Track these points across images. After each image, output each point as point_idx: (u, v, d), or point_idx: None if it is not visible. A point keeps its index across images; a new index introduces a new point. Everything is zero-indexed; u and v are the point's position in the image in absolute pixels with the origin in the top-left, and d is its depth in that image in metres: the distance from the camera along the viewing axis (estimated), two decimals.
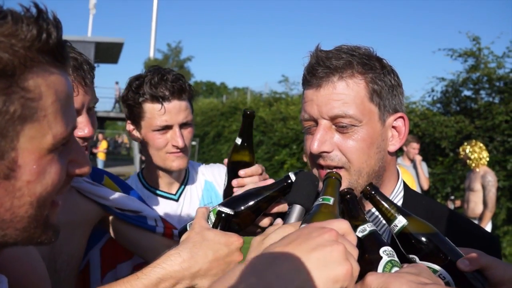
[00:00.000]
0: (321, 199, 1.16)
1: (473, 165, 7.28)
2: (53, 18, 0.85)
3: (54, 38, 0.84)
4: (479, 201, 7.13)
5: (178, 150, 2.12)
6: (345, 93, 1.36)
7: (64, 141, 0.89)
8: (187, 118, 2.15)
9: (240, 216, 1.38)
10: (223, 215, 1.32)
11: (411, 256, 1.22)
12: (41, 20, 0.82)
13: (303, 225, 1.08)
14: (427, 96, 13.14)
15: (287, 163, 15.55)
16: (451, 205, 8.25)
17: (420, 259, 1.20)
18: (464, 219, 1.55)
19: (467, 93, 12.18)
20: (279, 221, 1.35)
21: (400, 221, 1.23)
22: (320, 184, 1.35)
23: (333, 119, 1.38)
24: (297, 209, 1.27)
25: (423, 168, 8.21)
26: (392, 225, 1.25)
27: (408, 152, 8.20)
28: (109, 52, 33.43)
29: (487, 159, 7.35)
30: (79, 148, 0.96)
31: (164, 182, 2.28)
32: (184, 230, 1.45)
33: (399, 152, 8.24)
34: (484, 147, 7.40)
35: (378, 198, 1.28)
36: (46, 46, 0.83)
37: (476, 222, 6.36)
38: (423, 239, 1.20)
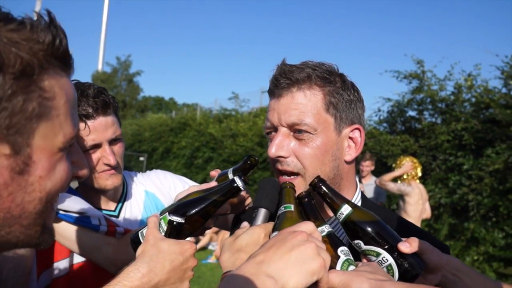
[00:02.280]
0: (283, 208, 1.32)
1: (402, 180, 7.31)
2: (60, 26, 0.90)
3: (64, 44, 0.90)
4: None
5: (110, 168, 2.01)
6: (303, 103, 1.45)
7: (72, 142, 0.94)
8: (116, 133, 2.02)
9: (190, 222, 1.44)
10: (174, 223, 1.36)
11: (356, 241, 1.31)
12: (53, 27, 0.88)
13: (275, 233, 1.21)
14: (374, 116, 13.58)
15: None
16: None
17: (365, 244, 1.29)
18: (416, 228, 1.63)
19: (411, 113, 12.66)
20: (245, 224, 1.41)
21: (346, 209, 1.33)
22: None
23: (290, 126, 1.46)
24: (262, 212, 1.41)
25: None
26: (338, 214, 1.34)
27: (361, 171, 8.34)
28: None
29: (418, 173, 7.35)
30: (80, 152, 1.01)
31: (102, 200, 2.17)
32: (136, 237, 1.50)
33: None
34: (416, 161, 7.40)
35: (325, 189, 1.37)
36: (58, 51, 0.88)
37: None
38: (367, 225, 1.29)
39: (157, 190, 2.35)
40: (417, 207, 7.10)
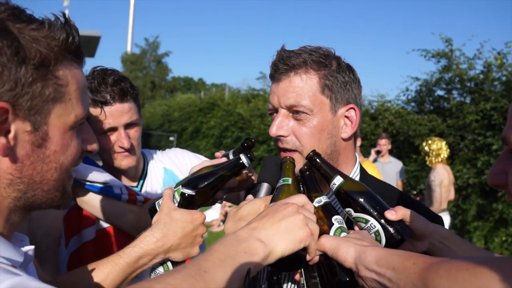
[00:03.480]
0: (282, 181, 1.46)
1: (430, 162, 7.36)
2: (73, 25, 1.09)
3: (76, 41, 1.07)
4: (429, 198, 7.29)
5: (124, 150, 2.20)
6: (300, 86, 1.57)
7: (82, 121, 1.12)
8: (132, 118, 2.19)
9: (200, 194, 1.62)
10: (186, 195, 1.53)
11: (347, 209, 1.44)
12: (67, 26, 1.06)
13: (272, 203, 1.36)
14: (402, 95, 13.48)
15: None
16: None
17: (354, 212, 1.42)
18: (412, 200, 1.73)
19: (440, 92, 12.53)
20: (250, 196, 1.58)
21: (338, 180, 1.45)
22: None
23: (289, 108, 1.59)
24: (265, 186, 1.57)
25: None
26: (331, 184, 1.47)
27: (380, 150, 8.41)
28: (85, 46, 32.91)
29: (446, 156, 7.34)
30: (90, 130, 1.20)
31: (124, 178, 2.36)
32: (153, 207, 1.69)
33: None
34: (444, 144, 7.38)
35: (318, 160, 1.51)
36: (71, 46, 1.06)
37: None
38: (356, 195, 1.42)
39: (175, 167, 2.52)
40: (444, 188, 7.16)
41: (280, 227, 1.18)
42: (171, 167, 2.53)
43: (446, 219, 7.44)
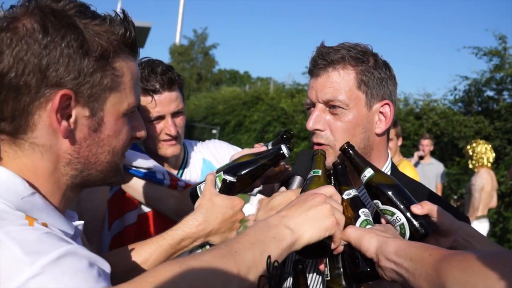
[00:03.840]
0: (312, 172, 1.51)
1: (474, 165, 7.19)
2: (131, 21, 1.18)
3: (133, 35, 1.17)
4: (469, 203, 7.10)
5: (171, 138, 2.27)
6: (337, 81, 1.62)
7: (133, 109, 1.22)
8: (178, 107, 2.27)
9: (240, 181, 1.67)
10: (227, 181, 1.63)
11: (375, 201, 1.48)
12: (125, 22, 1.15)
13: (302, 193, 1.41)
14: (449, 95, 13.11)
15: None
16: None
17: (382, 204, 1.45)
18: (440, 197, 1.74)
19: (489, 93, 12.12)
20: (283, 188, 1.65)
21: (369, 172, 1.49)
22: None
23: (326, 102, 1.64)
24: (298, 179, 1.64)
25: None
26: (362, 176, 1.51)
27: (422, 150, 8.21)
28: (137, 36, 33.55)
29: (490, 160, 7.14)
30: (140, 118, 1.30)
31: (165, 166, 2.42)
32: (194, 191, 1.77)
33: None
34: (489, 148, 7.18)
35: (352, 152, 1.54)
36: (128, 41, 1.16)
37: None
38: (385, 187, 1.46)
39: (213, 158, 2.59)
40: (485, 194, 6.95)
41: (308, 216, 1.24)
42: (209, 158, 2.60)
43: (485, 226, 7.21)
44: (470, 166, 7.25)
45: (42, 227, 1.02)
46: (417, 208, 1.39)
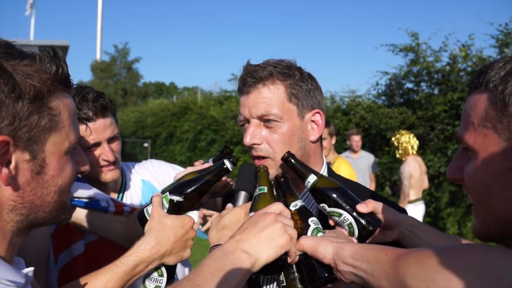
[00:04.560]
0: (258, 190, 1.55)
1: (400, 155, 7.60)
2: (62, 56, 1.15)
3: (65, 71, 1.14)
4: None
5: (109, 164, 2.25)
6: (268, 97, 1.67)
7: (75, 146, 1.18)
8: (114, 132, 2.26)
9: (188, 200, 1.69)
10: (175, 201, 1.61)
11: (321, 205, 1.54)
12: (56, 59, 1.11)
13: (251, 213, 1.47)
14: (372, 90, 13.72)
15: (240, 160, 15.74)
16: (389, 191, 8.76)
17: (328, 207, 1.52)
18: (376, 194, 1.85)
19: (409, 85, 12.81)
20: (229, 205, 1.65)
21: (312, 178, 1.56)
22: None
23: (260, 117, 1.68)
24: (243, 194, 1.64)
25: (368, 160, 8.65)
26: (306, 182, 1.57)
27: (352, 146, 8.61)
28: None
29: (415, 148, 7.57)
30: (82, 152, 1.26)
31: (104, 192, 2.39)
32: (141, 214, 1.75)
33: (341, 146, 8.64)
34: (412, 136, 7.61)
35: (293, 161, 1.61)
36: (61, 77, 1.12)
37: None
38: (330, 191, 1.53)
39: (152, 178, 2.59)
40: (414, 180, 7.39)
41: (262, 237, 1.28)
42: (148, 178, 2.59)
43: (421, 208, 7.67)
44: (398, 156, 7.65)
45: None
46: (362, 207, 1.49)
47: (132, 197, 2.50)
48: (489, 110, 1.04)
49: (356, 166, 7.96)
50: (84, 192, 2.18)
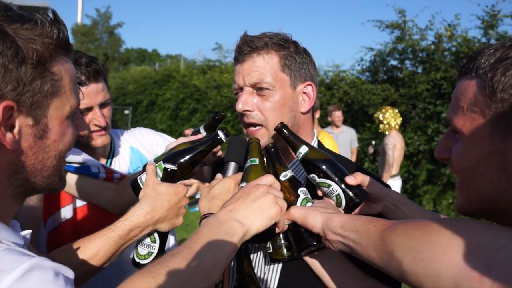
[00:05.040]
0: (249, 161, 1.59)
1: (384, 129, 7.77)
2: (62, 20, 1.14)
3: (66, 35, 1.14)
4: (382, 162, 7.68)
5: (101, 129, 2.26)
6: (262, 65, 1.71)
7: (75, 110, 1.19)
8: (105, 97, 2.28)
9: (181, 169, 1.73)
10: (169, 170, 1.67)
11: (311, 175, 1.58)
12: (56, 22, 1.11)
13: (243, 183, 1.50)
14: (357, 65, 13.74)
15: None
16: (371, 150, 8.96)
17: (318, 178, 1.56)
18: (363, 169, 1.89)
19: (393, 62, 12.81)
20: (219, 175, 1.71)
21: (304, 149, 1.59)
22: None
23: (253, 85, 1.72)
24: (232, 165, 1.68)
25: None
26: (297, 153, 1.60)
27: (334, 121, 8.74)
28: None
29: (398, 123, 7.76)
30: (81, 117, 1.29)
31: (93, 157, 2.41)
32: (135, 182, 1.78)
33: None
34: (396, 112, 7.81)
35: (286, 131, 1.63)
36: (62, 42, 1.12)
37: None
38: (320, 162, 1.57)
39: (140, 146, 2.62)
40: (397, 152, 7.53)
41: (254, 208, 1.33)
42: (136, 145, 2.62)
43: (399, 183, 7.82)
44: (381, 129, 7.75)
45: None
46: (351, 179, 1.53)
47: (120, 163, 2.52)
48: (478, 95, 1.09)
49: (338, 141, 8.08)
50: (75, 158, 2.20)
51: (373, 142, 9.63)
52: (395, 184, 7.56)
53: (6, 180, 1.08)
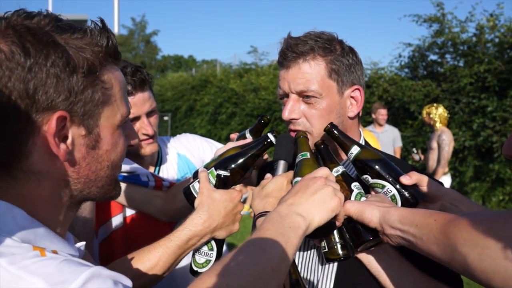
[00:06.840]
0: (300, 156, 1.55)
1: (435, 125, 7.59)
2: (110, 28, 1.15)
3: (115, 44, 1.13)
4: (436, 158, 7.49)
5: (148, 137, 2.27)
6: (308, 72, 1.67)
7: (126, 119, 1.18)
8: (152, 106, 2.28)
9: (233, 175, 1.71)
10: (222, 176, 1.65)
11: (364, 176, 1.55)
12: (105, 31, 1.11)
13: (297, 178, 1.48)
14: (395, 62, 13.49)
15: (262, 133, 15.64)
16: (416, 157, 8.74)
17: (371, 178, 1.53)
18: (414, 167, 1.84)
19: (433, 57, 12.54)
20: (268, 175, 1.67)
21: (355, 149, 1.56)
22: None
23: (299, 93, 1.68)
24: (282, 163, 1.65)
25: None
26: (349, 154, 1.57)
27: (377, 119, 8.55)
28: None
29: (446, 119, 7.62)
30: (131, 126, 1.27)
31: (142, 165, 2.43)
32: (187, 190, 1.76)
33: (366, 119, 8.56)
34: (443, 109, 7.66)
35: (336, 132, 1.61)
36: (111, 50, 1.12)
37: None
38: (373, 162, 1.53)
39: (187, 152, 2.62)
40: (449, 149, 7.43)
41: (314, 200, 1.29)
42: (183, 152, 2.63)
43: (448, 180, 7.64)
44: (437, 126, 7.57)
45: (56, 256, 0.98)
46: (406, 179, 1.49)
47: (168, 170, 2.54)
48: None
49: (380, 140, 7.93)
50: (124, 167, 2.21)
51: (414, 150, 9.37)
52: (444, 182, 7.37)
53: (62, 191, 1.08)
